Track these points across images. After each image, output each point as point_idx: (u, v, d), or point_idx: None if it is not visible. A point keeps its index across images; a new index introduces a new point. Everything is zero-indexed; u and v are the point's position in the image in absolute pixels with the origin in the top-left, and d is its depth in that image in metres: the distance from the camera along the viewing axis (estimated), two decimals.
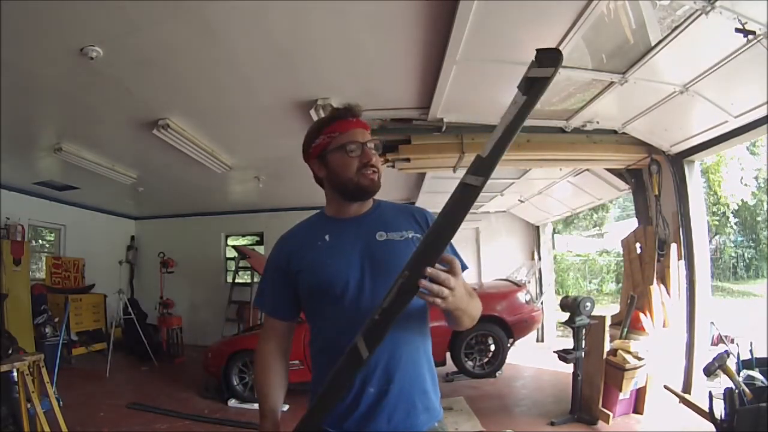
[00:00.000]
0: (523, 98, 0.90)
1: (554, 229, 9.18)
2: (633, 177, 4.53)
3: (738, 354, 2.65)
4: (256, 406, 4.40)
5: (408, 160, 4.03)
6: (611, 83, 3.04)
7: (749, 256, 13.68)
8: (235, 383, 4.60)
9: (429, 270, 0.89)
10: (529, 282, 6.52)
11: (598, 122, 3.79)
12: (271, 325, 1.23)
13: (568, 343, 3.88)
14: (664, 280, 4.04)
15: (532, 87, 0.89)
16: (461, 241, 6.71)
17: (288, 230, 1.25)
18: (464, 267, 1.05)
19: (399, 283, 0.92)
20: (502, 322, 4.96)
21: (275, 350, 1.21)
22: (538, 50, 0.92)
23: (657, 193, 4.15)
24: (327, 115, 1.21)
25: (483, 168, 0.90)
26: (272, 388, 1.18)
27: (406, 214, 1.21)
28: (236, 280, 7.67)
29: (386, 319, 0.92)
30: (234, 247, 8.01)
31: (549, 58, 0.90)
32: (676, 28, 2.39)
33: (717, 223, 12.70)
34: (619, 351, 3.50)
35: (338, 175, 1.15)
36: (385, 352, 1.05)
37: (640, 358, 3.44)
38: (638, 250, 4.39)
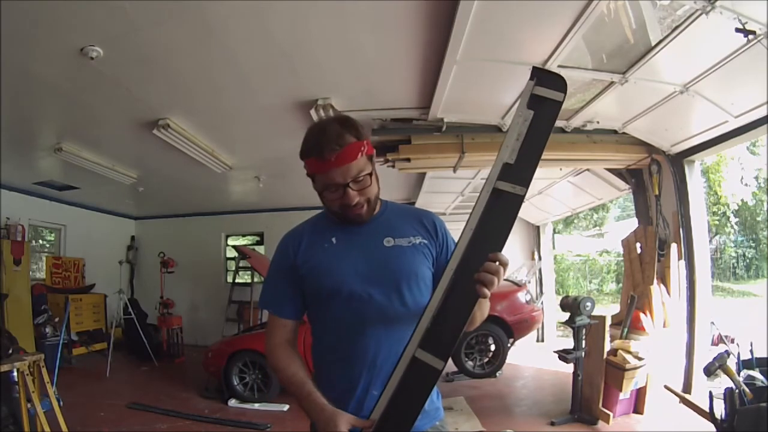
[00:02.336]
0: (530, 113, 0.97)
1: (554, 229, 9.18)
2: (633, 177, 4.53)
3: (738, 354, 2.64)
4: (256, 405, 4.44)
5: (408, 160, 4.03)
6: (611, 83, 3.04)
7: (749, 256, 13.70)
8: (236, 383, 4.60)
9: (490, 265, 0.94)
10: (529, 282, 6.52)
11: (598, 122, 3.79)
12: (279, 323, 1.17)
13: (569, 343, 3.88)
14: (664, 280, 4.04)
15: (541, 105, 0.98)
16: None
17: (291, 230, 1.21)
18: None
19: (448, 285, 0.95)
20: (502, 322, 4.96)
21: (287, 344, 1.16)
22: (536, 68, 1.00)
23: (657, 193, 4.15)
24: (310, 141, 1.06)
25: (518, 176, 1.01)
26: (303, 373, 1.09)
27: (414, 219, 1.19)
28: (236, 280, 7.68)
29: (450, 325, 0.94)
30: (234, 247, 8.01)
31: (554, 82, 0.99)
32: (676, 28, 2.39)
33: (717, 223, 12.71)
34: (620, 351, 3.50)
35: (325, 205, 1.12)
36: (391, 354, 1.05)
37: (640, 358, 3.44)
38: (638, 250, 4.39)
